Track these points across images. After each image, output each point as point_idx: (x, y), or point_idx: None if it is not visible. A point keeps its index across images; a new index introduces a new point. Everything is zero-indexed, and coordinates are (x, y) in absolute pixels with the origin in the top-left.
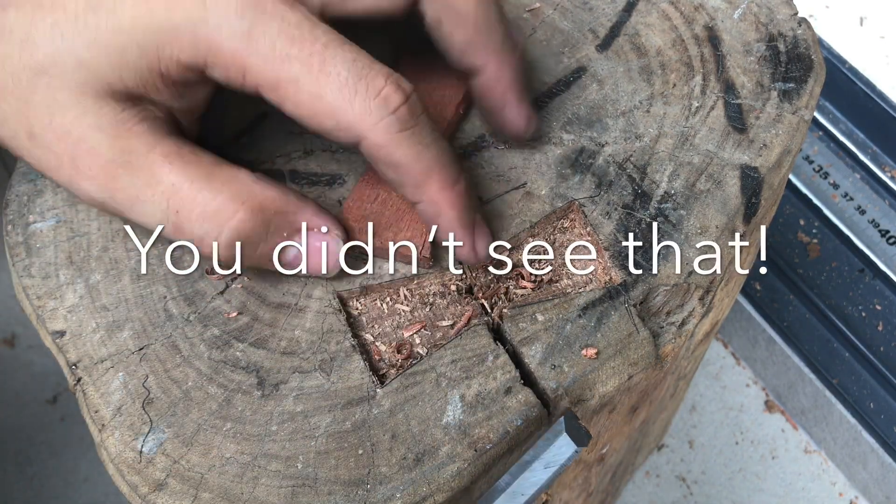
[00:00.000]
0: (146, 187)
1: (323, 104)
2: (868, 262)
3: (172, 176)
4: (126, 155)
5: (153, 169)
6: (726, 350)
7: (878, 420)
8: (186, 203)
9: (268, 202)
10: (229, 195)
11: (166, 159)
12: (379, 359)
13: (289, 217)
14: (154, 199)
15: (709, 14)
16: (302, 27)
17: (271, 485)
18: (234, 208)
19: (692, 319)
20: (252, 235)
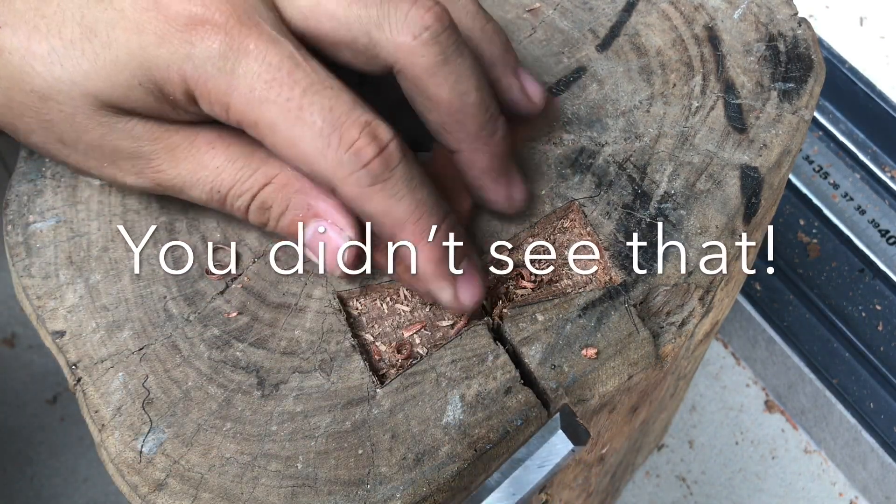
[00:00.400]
0: (192, 174)
1: (298, 151)
2: (868, 262)
3: (217, 160)
4: (170, 150)
5: (199, 157)
6: (726, 350)
7: (878, 420)
8: (227, 182)
9: (292, 181)
10: (262, 172)
11: (210, 146)
12: (379, 359)
13: (309, 199)
14: (199, 182)
15: (709, 14)
16: (282, 69)
17: (271, 485)
18: (264, 182)
19: (692, 319)
20: (274, 205)
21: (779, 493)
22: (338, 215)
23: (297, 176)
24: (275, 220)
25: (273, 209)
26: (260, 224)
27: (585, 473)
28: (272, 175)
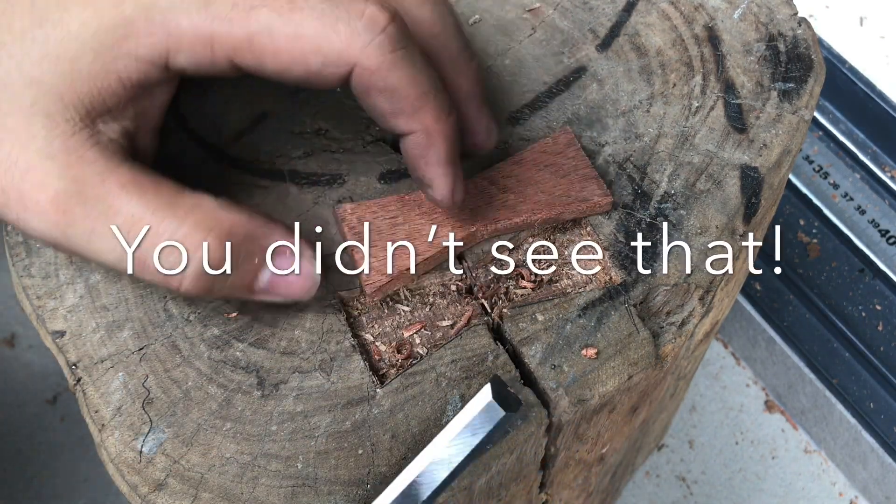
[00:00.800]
0: (102, 219)
1: (305, 42)
2: (868, 262)
3: (131, 206)
4: (78, 185)
5: (109, 199)
6: (726, 350)
7: (878, 420)
8: (149, 235)
9: (235, 228)
10: (194, 223)
11: (123, 189)
12: (379, 359)
13: (259, 242)
14: (111, 233)
15: (709, 14)
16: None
17: (271, 485)
18: (201, 237)
19: (692, 319)
20: (222, 265)
21: (779, 493)
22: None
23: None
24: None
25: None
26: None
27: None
28: (207, 226)
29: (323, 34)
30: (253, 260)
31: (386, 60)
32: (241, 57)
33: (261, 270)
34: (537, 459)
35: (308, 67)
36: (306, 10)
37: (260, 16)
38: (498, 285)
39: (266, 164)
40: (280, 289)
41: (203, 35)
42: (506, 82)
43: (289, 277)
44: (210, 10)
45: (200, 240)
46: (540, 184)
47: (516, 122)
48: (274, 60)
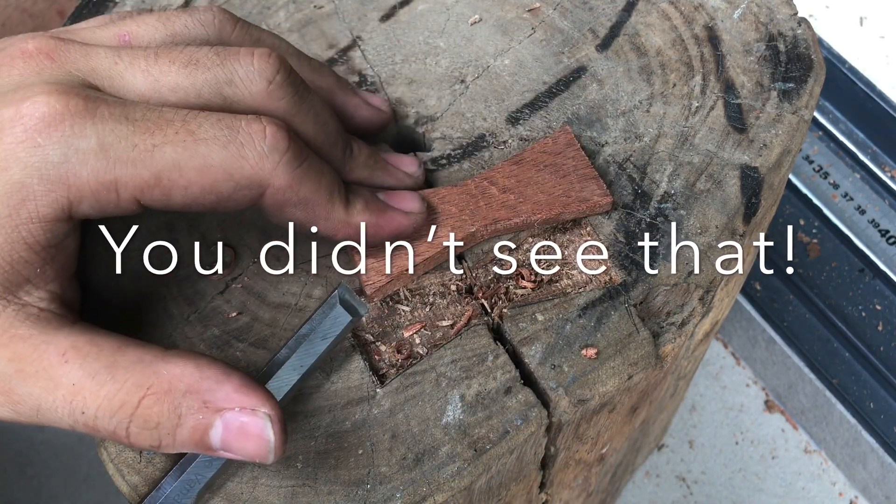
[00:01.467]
0: (46, 393)
1: (215, 171)
2: (868, 262)
3: (72, 375)
4: (16, 363)
5: (50, 372)
6: (726, 350)
7: (878, 420)
8: (90, 402)
9: (175, 382)
10: (133, 383)
11: (62, 358)
12: (379, 359)
13: (203, 396)
14: (56, 404)
15: (709, 14)
16: (149, 116)
17: (271, 485)
18: (139, 396)
19: (692, 319)
20: (162, 420)
21: (779, 493)
22: (243, 396)
23: (181, 372)
24: (170, 437)
25: (162, 425)
26: (152, 447)
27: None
28: (146, 383)
29: (232, 161)
30: (197, 416)
31: (296, 176)
32: (147, 196)
33: (210, 426)
34: (537, 459)
35: (219, 195)
36: (210, 140)
37: (164, 153)
38: (498, 285)
39: None
40: (233, 447)
41: (106, 181)
42: (506, 82)
43: (239, 435)
44: (109, 156)
45: (138, 399)
46: (540, 184)
47: (516, 122)
48: (184, 194)
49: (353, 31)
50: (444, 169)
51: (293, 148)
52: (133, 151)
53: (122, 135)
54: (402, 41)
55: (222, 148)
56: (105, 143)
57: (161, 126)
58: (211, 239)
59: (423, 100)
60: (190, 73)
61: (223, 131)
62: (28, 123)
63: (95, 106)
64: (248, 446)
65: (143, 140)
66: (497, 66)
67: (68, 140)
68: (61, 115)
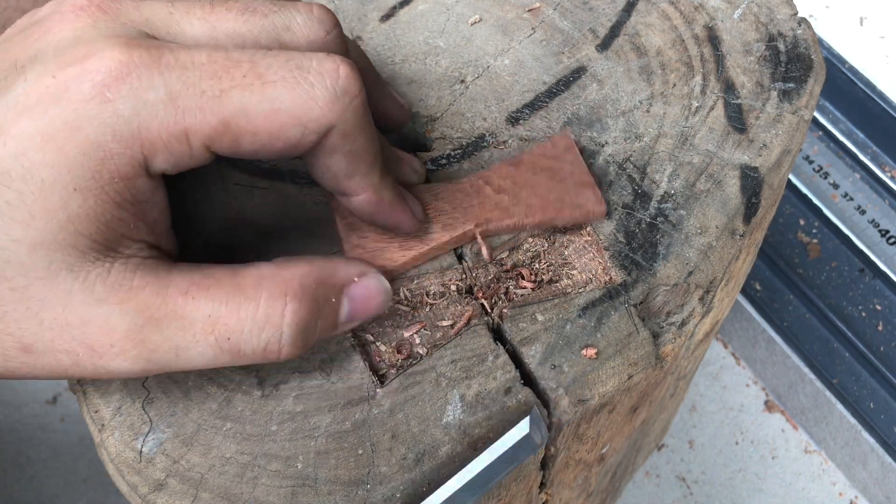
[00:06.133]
0: (183, 332)
1: (283, 115)
2: (868, 262)
3: (203, 308)
4: (144, 313)
5: (180, 313)
6: (726, 350)
7: (878, 420)
8: (233, 326)
9: (305, 279)
10: (268, 296)
11: (187, 296)
12: (379, 359)
13: (329, 281)
14: (197, 339)
15: (709, 14)
16: (216, 59)
17: (271, 485)
18: (282, 304)
19: (692, 319)
20: (311, 318)
21: (779, 493)
22: (355, 267)
23: (303, 271)
24: (314, 331)
25: (308, 323)
26: (302, 351)
27: (585, 473)
28: (283, 293)
29: (301, 103)
30: (331, 300)
31: (360, 124)
32: (218, 143)
33: (340, 306)
34: (537, 459)
35: (287, 140)
36: (279, 82)
37: (233, 98)
38: (498, 285)
39: (266, 164)
40: (360, 313)
41: (176, 132)
42: (506, 82)
43: (365, 301)
44: (178, 105)
45: (281, 309)
46: (535, 187)
47: (516, 122)
48: (252, 140)
49: (353, 32)
50: (444, 169)
51: (362, 93)
52: (201, 98)
53: (189, 82)
54: (402, 41)
55: (291, 90)
56: (173, 91)
57: (228, 69)
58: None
59: (424, 100)
60: (247, 19)
61: (292, 72)
62: (95, 79)
63: (160, 54)
64: (372, 305)
65: (210, 86)
66: (497, 66)
67: (137, 93)
68: (127, 67)
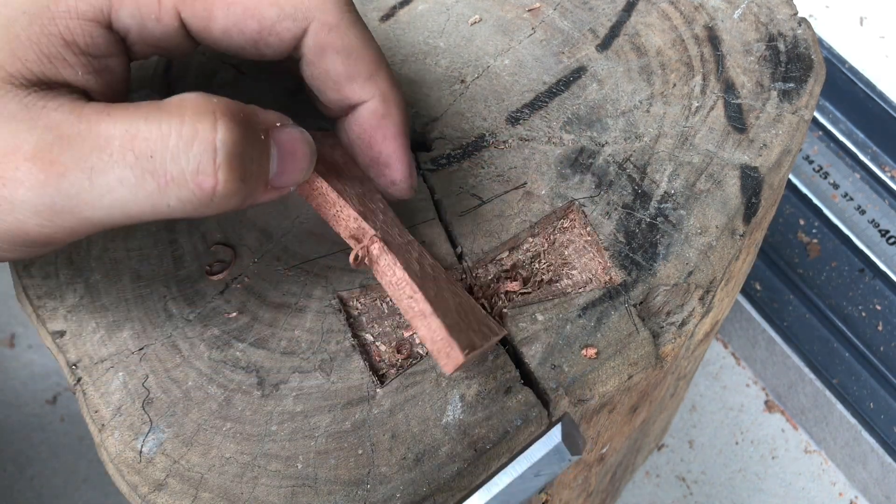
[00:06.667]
0: (96, 153)
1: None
2: (868, 262)
3: (121, 124)
4: (54, 130)
5: (94, 129)
6: (726, 350)
7: (878, 420)
8: (155, 142)
9: (232, 107)
10: (194, 111)
11: (104, 114)
12: (379, 359)
13: (255, 117)
14: (114, 160)
15: (709, 14)
16: None
17: (271, 485)
18: (211, 119)
19: (692, 319)
20: (244, 146)
21: (779, 493)
22: (273, 114)
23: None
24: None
25: (244, 154)
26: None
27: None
28: (210, 108)
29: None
30: (259, 137)
31: (345, 17)
32: (189, 9)
33: (269, 149)
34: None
35: (262, 21)
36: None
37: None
38: (498, 285)
39: None
40: (289, 169)
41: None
42: (506, 82)
43: (291, 153)
44: None
45: (211, 123)
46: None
47: (516, 122)
48: (226, 13)
49: None
50: (444, 168)
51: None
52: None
53: None
54: (402, 41)
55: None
56: None
57: None
58: (211, 239)
59: (424, 100)
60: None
61: None
62: None
63: None
64: (299, 157)
65: None
66: (497, 66)
67: None
68: None
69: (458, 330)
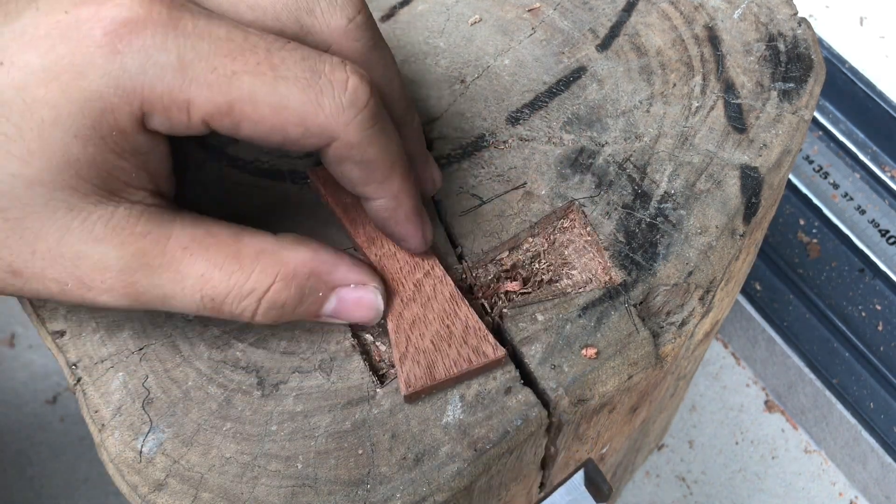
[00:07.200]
0: (173, 284)
1: (288, 113)
2: (868, 262)
3: (198, 266)
4: (140, 259)
5: (175, 266)
6: (726, 350)
7: (878, 420)
8: (220, 290)
9: (300, 267)
10: (261, 271)
11: (186, 251)
12: (379, 359)
13: (323, 277)
14: (185, 293)
15: (709, 14)
16: (234, 38)
17: (271, 485)
18: (268, 282)
19: (692, 319)
20: (289, 301)
21: (779, 493)
22: (356, 273)
23: (302, 258)
24: (291, 313)
25: (287, 305)
26: (272, 323)
27: None
28: (273, 272)
29: (307, 107)
30: (318, 294)
31: (366, 136)
32: (217, 122)
33: (326, 301)
34: (537, 459)
35: (286, 136)
36: (290, 79)
37: (243, 83)
38: (498, 285)
39: (266, 164)
40: (344, 315)
41: (179, 100)
42: (506, 82)
43: (353, 306)
44: (187, 74)
45: (267, 286)
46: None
47: (516, 122)
48: (253, 128)
49: None
50: (444, 169)
51: (372, 106)
52: (211, 74)
53: (203, 53)
54: (402, 41)
55: (301, 91)
56: (185, 59)
57: (244, 52)
58: None
59: (424, 100)
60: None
61: (305, 73)
62: (108, 27)
63: (179, 16)
64: (359, 314)
65: (223, 64)
66: (497, 66)
67: (148, 51)
68: (144, 22)
69: (414, 362)
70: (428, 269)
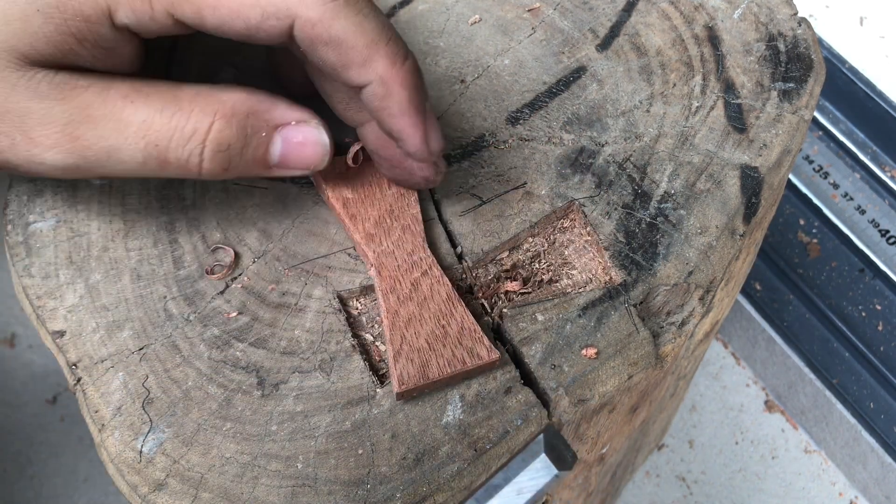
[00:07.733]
0: (116, 134)
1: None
2: (868, 262)
3: (140, 113)
4: (84, 110)
5: (117, 114)
6: (726, 350)
7: (878, 420)
8: (163, 134)
9: (238, 105)
10: (200, 110)
11: (127, 99)
12: (379, 359)
13: (262, 116)
14: (129, 142)
15: (709, 14)
16: None
17: (271, 485)
18: (209, 121)
19: (692, 319)
20: (233, 141)
21: (779, 493)
22: (295, 111)
23: (239, 97)
24: (238, 158)
25: (232, 146)
26: (222, 171)
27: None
28: (212, 110)
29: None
30: (261, 133)
31: (327, 10)
32: (180, 10)
33: (271, 142)
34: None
35: (247, 21)
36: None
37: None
38: (498, 285)
39: None
40: (292, 159)
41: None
42: (506, 82)
43: (299, 146)
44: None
45: (208, 125)
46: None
47: (516, 122)
48: (213, 14)
49: None
50: None
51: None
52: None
53: None
54: None
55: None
56: None
57: None
58: (211, 239)
59: None
60: None
61: None
62: None
63: None
64: (306, 153)
65: None
66: (497, 66)
67: None
68: None
69: (408, 360)
70: (426, 269)
